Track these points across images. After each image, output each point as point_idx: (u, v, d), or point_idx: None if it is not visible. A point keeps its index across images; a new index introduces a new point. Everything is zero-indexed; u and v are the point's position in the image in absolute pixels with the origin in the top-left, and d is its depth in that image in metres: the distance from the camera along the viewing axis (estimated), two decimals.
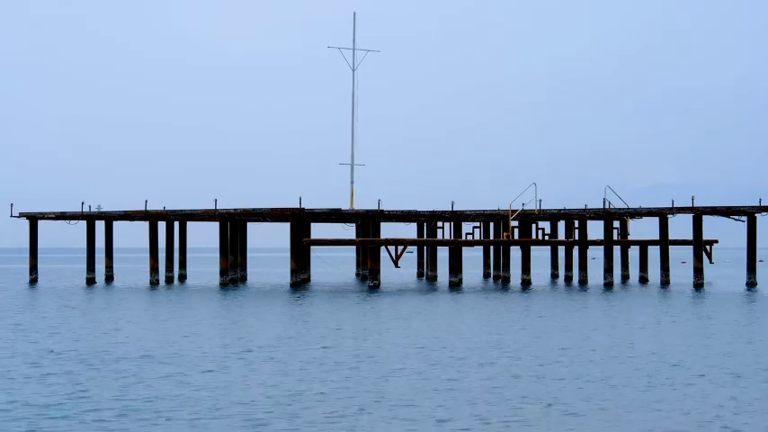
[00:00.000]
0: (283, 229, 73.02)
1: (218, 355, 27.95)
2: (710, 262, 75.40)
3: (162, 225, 74.32)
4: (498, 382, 22.51)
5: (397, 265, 64.25)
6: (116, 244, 76.69)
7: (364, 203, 76.50)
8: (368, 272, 67.10)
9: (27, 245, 75.42)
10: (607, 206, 68.59)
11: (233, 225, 72.02)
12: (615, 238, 72.92)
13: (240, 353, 28.32)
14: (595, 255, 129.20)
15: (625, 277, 76.78)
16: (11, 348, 29.91)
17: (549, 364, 25.82)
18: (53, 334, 34.46)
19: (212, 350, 29.11)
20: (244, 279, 76.04)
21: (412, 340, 31.87)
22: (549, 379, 23.08)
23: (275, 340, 31.85)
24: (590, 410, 19.18)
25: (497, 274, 75.96)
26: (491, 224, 78.37)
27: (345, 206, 71.89)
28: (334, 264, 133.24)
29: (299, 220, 66.67)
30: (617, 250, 77.50)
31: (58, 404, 19.75)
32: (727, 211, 64.85)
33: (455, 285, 66.80)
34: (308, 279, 75.11)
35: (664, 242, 68.85)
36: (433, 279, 76.58)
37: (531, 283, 68.82)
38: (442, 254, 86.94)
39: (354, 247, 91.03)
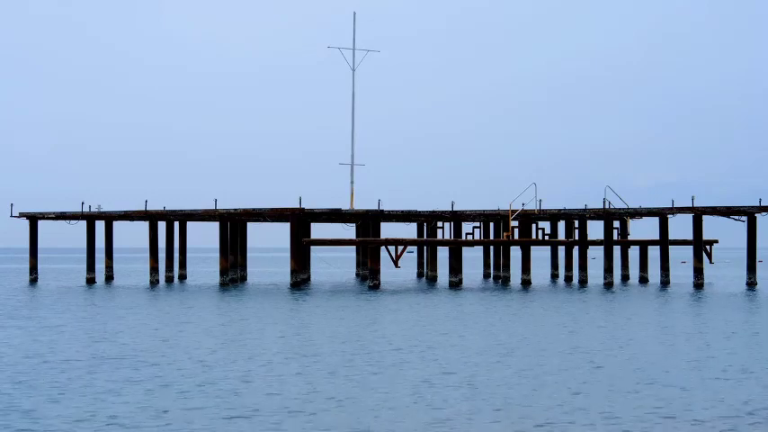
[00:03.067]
0: (283, 229, 73.01)
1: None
2: (710, 262, 75.37)
3: (162, 225, 74.31)
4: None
5: (397, 265, 64.20)
6: (116, 244, 76.70)
7: (364, 203, 76.51)
8: (368, 272, 67.06)
9: (27, 245, 75.42)
10: (607, 206, 68.56)
11: (233, 225, 72.01)
12: (615, 238, 72.89)
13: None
14: (595, 255, 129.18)
15: (625, 277, 76.75)
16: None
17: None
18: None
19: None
20: (244, 279, 76.02)
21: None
22: None
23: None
24: None
25: (497, 274, 75.91)
26: (491, 224, 78.35)
27: (345, 206, 71.89)
28: (334, 264, 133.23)
29: (299, 220, 66.66)
30: (617, 250, 77.48)
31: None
32: (727, 211, 64.82)
33: (455, 285, 66.73)
34: (308, 279, 75.07)
35: (664, 242, 68.83)
36: (433, 279, 76.54)
37: (530, 283, 68.76)
38: (442, 254, 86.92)
39: (354, 247, 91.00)
